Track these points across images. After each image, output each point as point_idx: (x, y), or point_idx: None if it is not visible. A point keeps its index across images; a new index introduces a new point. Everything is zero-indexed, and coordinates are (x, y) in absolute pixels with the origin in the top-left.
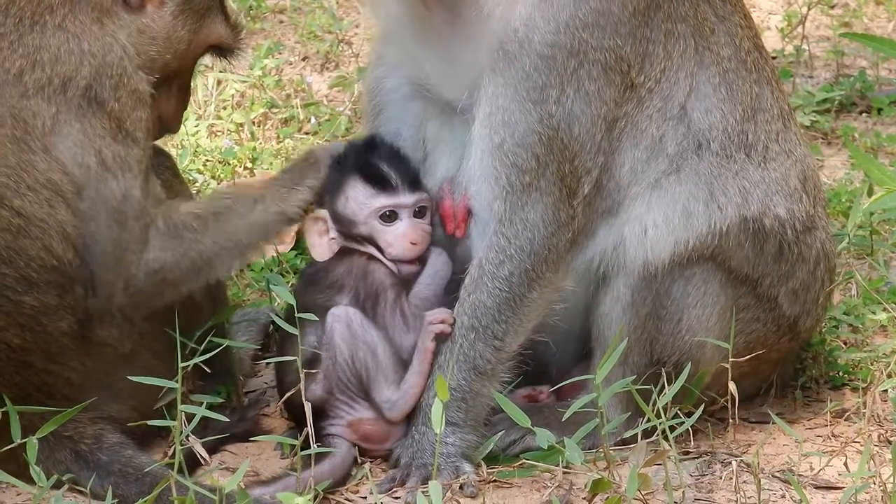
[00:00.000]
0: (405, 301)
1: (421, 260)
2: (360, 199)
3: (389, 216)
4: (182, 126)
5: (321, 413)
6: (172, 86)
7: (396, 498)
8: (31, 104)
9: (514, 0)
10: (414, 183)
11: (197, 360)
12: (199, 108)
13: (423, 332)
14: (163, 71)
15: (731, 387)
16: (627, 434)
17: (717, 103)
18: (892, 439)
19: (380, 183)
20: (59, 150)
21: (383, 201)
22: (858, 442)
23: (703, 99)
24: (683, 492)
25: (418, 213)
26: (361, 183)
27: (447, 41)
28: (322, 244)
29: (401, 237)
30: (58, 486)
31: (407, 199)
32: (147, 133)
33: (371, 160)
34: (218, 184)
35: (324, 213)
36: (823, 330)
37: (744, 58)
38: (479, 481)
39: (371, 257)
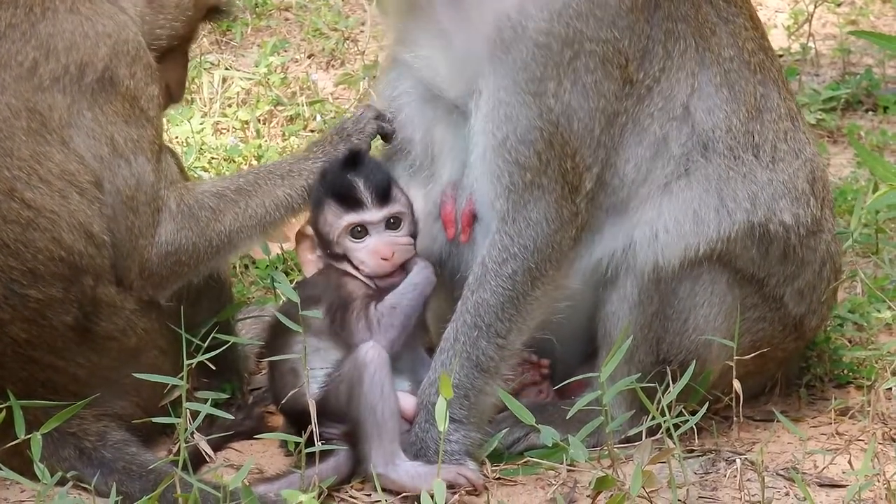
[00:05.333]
0: (372, 308)
1: (406, 269)
2: (330, 219)
3: (359, 232)
4: (187, 123)
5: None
6: (177, 54)
7: (401, 495)
8: (47, 97)
9: None
10: (383, 196)
11: (202, 357)
12: (205, 106)
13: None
14: (171, 39)
15: (736, 385)
16: (632, 432)
17: (719, 103)
18: None
19: (347, 200)
20: (75, 142)
21: (352, 217)
22: (863, 440)
23: (706, 99)
24: (688, 490)
25: (392, 224)
26: (333, 202)
27: (450, 33)
28: (311, 261)
29: (371, 253)
30: (62, 483)
31: (374, 214)
32: (159, 109)
33: (342, 178)
34: None
35: (311, 231)
36: (828, 328)
37: (747, 59)
38: (484, 479)
39: (346, 273)
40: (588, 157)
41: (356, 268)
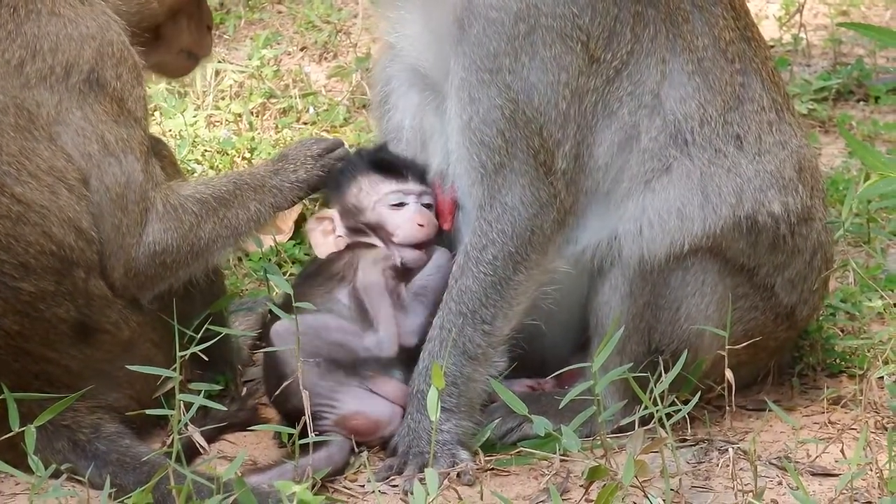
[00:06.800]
0: (402, 287)
1: (427, 255)
2: (369, 187)
3: (397, 203)
4: (181, 116)
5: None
6: (179, 21)
7: (394, 486)
8: (34, 94)
9: None
10: (422, 177)
11: (195, 349)
12: (198, 99)
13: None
14: (153, 18)
15: (728, 374)
16: (624, 422)
17: (691, 92)
18: (888, 426)
19: (390, 170)
20: (63, 140)
21: (392, 186)
22: (855, 429)
23: (678, 87)
24: (680, 479)
25: (425, 206)
26: (373, 172)
27: (426, 14)
28: (327, 243)
29: (409, 220)
30: (56, 475)
31: (415, 186)
32: (146, 112)
33: (381, 155)
34: (216, 174)
35: (330, 212)
36: (820, 317)
37: (723, 48)
38: (477, 469)
39: (372, 248)
40: (556, 132)
41: (389, 235)
